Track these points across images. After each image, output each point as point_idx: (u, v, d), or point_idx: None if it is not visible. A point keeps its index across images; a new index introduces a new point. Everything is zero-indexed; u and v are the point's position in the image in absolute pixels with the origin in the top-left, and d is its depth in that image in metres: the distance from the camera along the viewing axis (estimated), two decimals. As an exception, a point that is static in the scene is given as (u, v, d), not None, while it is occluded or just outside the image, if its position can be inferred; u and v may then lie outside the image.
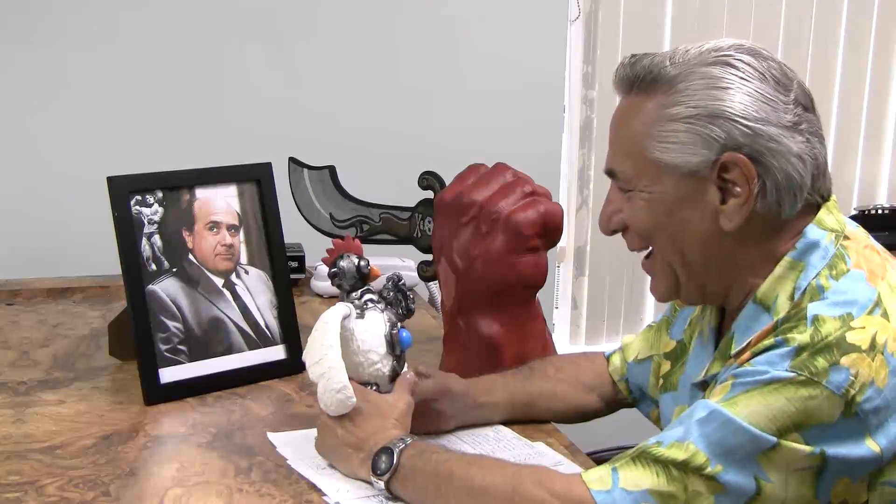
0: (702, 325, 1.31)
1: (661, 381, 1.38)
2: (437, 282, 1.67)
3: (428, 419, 1.37)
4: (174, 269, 1.56)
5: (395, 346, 1.30)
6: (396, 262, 2.03)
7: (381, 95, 2.64)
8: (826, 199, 1.19)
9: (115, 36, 2.46)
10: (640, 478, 1.05)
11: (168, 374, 1.52)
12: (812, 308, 1.09)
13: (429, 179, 1.69)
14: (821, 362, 1.04)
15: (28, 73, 2.43)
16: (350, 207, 1.81)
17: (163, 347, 1.53)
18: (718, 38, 1.20)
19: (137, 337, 1.51)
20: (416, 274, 1.76)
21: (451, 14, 2.68)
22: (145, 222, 1.54)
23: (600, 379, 1.49)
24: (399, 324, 1.31)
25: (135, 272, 1.51)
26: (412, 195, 1.72)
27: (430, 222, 1.69)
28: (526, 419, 1.46)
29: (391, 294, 1.32)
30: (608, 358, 1.51)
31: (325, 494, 1.22)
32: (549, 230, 1.53)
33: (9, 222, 2.42)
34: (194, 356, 1.55)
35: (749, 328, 1.16)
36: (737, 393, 1.06)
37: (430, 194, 1.69)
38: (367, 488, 1.23)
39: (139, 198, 1.54)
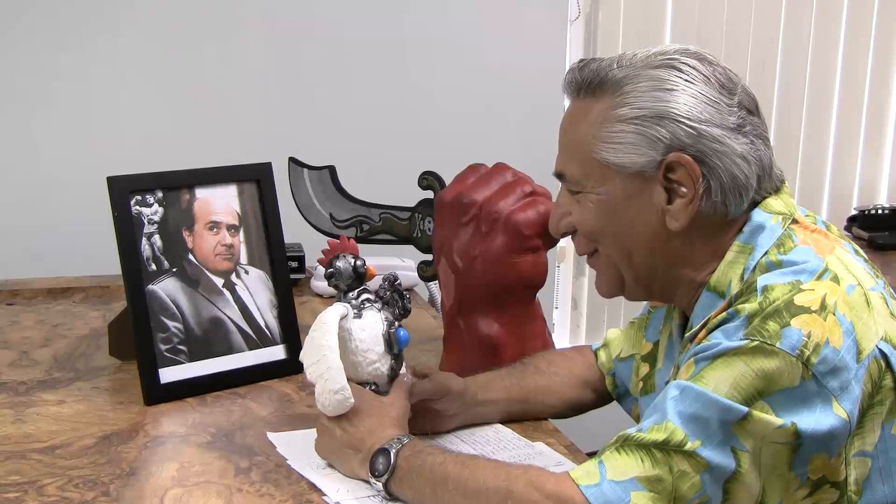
0: (671, 326, 1.33)
1: (640, 383, 1.40)
2: (437, 282, 1.67)
3: (428, 419, 1.37)
4: (174, 269, 1.56)
5: (393, 345, 1.30)
6: (396, 262, 2.03)
7: (381, 95, 2.64)
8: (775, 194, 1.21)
9: (115, 36, 2.47)
10: (627, 466, 1.06)
11: (168, 374, 1.53)
12: (762, 280, 1.11)
13: (429, 179, 1.69)
14: (772, 326, 1.06)
15: (28, 73, 2.43)
16: (350, 207, 1.81)
17: (163, 347, 1.53)
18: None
19: (137, 337, 1.51)
20: (415, 274, 1.76)
21: (452, 14, 2.69)
22: (145, 222, 1.54)
23: (592, 372, 1.50)
24: (396, 323, 1.31)
25: (135, 272, 1.52)
26: (412, 195, 1.72)
27: (430, 222, 1.69)
28: (523, 416, 1.46)
29: (388, 293, 1.32)
30: (595, 352, 1.52)
31: (325, 494, 1.23)
32: (549, 230, 1.53)
33: (9, 222, 2.43)
34: (194, 356, 1.56)
35: (706, 316, 1.17)
36: (700, 368, 1.08)
37: (430, 194, 1.69)
38: (366, 488, 1.23)
39: (139, 198, 1.54)
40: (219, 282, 1.60)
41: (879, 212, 2.92)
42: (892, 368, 1.10)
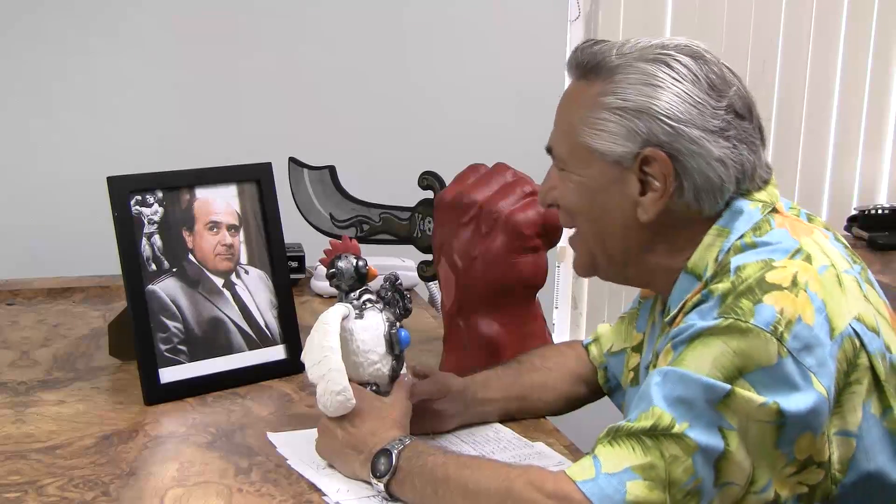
0: (654, 315, 1.34)
1: (630, 373, 1.41)
2: (437, 282, 1.67)
3: (428, 419, 1.37)
4: (174, 269, 1.56)
5: (395, 346, 1.30)
6: (396, 262, 2.03)
7: (381, 95, 2.64)
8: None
9: (115, 36, 2.46)
10: (620, 457, 1.06)
11: (168, 374, 1.53)
12: (735, 260, 1.13)
13: (429, 179, 1.69)
14: (745, 303, 1.08)
15: (28, 73, 2.43)
16: (350, 207, 1.81)
17: (163, 347, 1.53)
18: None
19: (137, 337, 1.51)
20: (415, 274, 1.76)
21: (452, 14, 2.68)
22: (145, 222, 1.54)
23: (584, 366, 1.51)
24: (398, 323, 1.31)
25: (135, 272, 1.52)
26: (412, 195, 1.72)
27: (430, 222, 1.69)
28: (521, 413, 1.46)
29: (389, 294, 1.32)
30: (586, 347, 1.52)
31: (325, 494, 1.23)
32: (549, 230, 1.54)
33: (9, 222, 2.42)
34: (194, 356, 1.56)
35: (683, 299, 1.19)
36: (680, 351, 1.09)
37: (430, 194, 1.69)
38: (366, 488, 1.23)
39: (139, 198, 1.54)
40: (219, 282, 1.60)
41: (879, 212, 2.91)
42: (865, 347, 1.11)
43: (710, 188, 1.17)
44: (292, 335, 1.64)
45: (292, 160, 1.86)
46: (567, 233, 1.34)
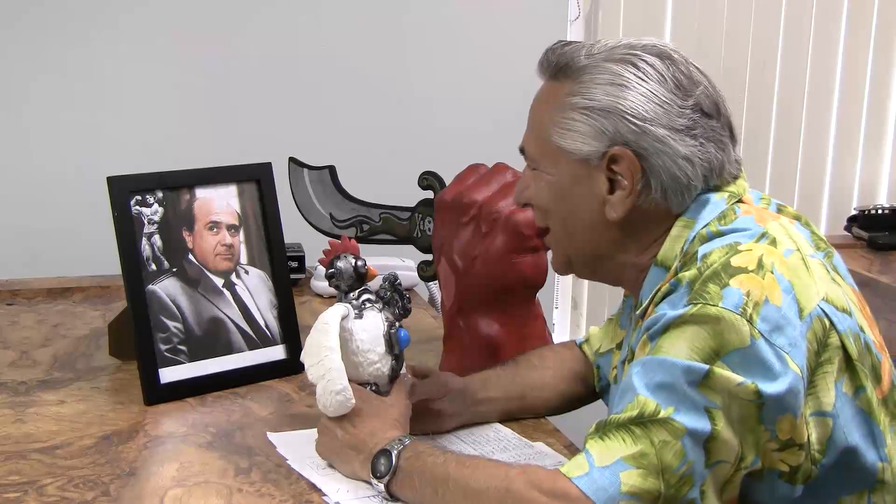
0: (632, 312, 1.34)
1: (613, 370, 1.42)
2: (437, 282, 1.67)
3: (428, 419, 1.37)
4: (174, 269, 1.56)
5: (394, 346, 1.30)
6: (396, 262, 2.03)
7: (381, 95, 2.64)
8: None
9: (115, 36, 2.47)
10: (611, 449, 1.07)
11: (168, 374, 1.53)
12: (702, 249, 1.15)
13: (429, 179, 1.69)
14: (712, 288, 1.09)
15: (28, 72, 2.43)
16: (350, 207, 1.81)
17: (163, 347, 1.53)
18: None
19: (137, 337, 1.51)
20: (415, 274, 1.76)
21: (452, 14, 2.69)
22: (145, 222, 1.54)
23: (581, 364, 1.52)
24: (397, 323, 1.31)
25: (135, 272, 1.52)
26: (412, 195, 1.72)
27: (430, 222, 1.69)
28: (521, 413, 1.47)
29: (388, 294, 1.32)
30: (580, 346, 1.53)
31: (325, 494, 1.23)
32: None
33: (9, 222, 2.42)
34: (194, 356, 1.56)
35: (653, 290, 1.20)
36: (656, 341, 1.10)
37: (430, 194, 1.69)
38: (366, 488, 1.23)
39: (139, 198, 1.54)
40: (219, 282, 1.60)
41: (879, 212, 2.91)
42: (835, 327, 1.12)
43: (678, 186, 1.18)
44: (292, 335, 1.64)
45: (292, 160, 1.86)
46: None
